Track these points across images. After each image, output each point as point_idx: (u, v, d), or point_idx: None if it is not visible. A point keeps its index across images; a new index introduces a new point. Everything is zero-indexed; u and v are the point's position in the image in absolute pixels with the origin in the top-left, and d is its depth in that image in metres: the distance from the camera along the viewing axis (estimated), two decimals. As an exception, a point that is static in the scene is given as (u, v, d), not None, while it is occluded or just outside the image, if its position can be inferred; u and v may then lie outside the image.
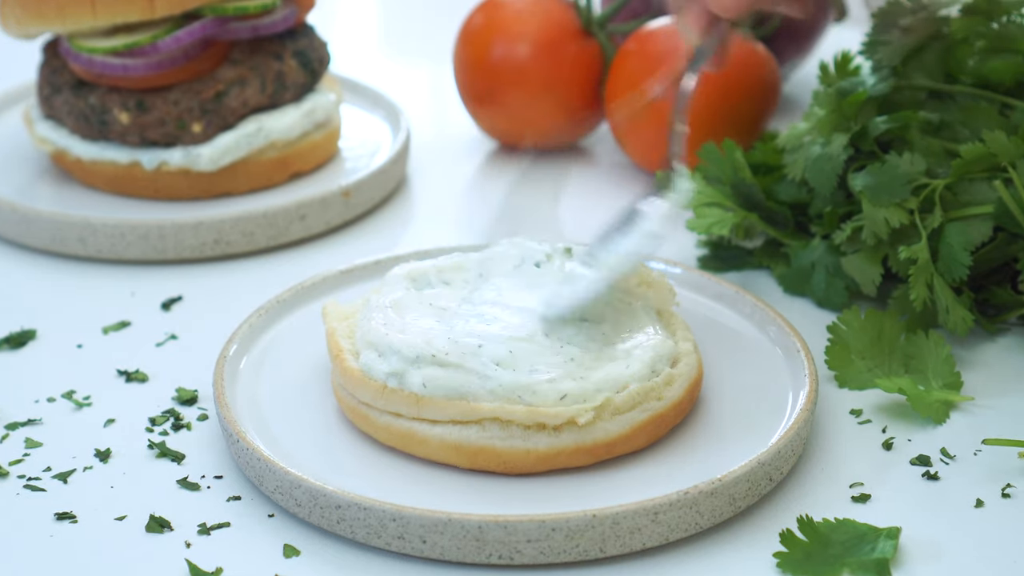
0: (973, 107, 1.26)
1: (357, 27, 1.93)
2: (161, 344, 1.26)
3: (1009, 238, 1.23)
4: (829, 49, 1.66)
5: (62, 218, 1.36)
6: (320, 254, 1.39)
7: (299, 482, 1.04)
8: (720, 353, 1.19)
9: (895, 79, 1.30)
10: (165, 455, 1.12)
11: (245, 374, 1.17)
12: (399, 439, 1.09)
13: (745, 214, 1.31)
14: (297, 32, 1.45)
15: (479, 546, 1.01)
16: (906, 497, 1.08)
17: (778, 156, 1.34)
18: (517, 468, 1.07)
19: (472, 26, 1.51)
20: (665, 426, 1.10)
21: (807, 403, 1.11)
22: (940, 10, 1.29)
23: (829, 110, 1.30)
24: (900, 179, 1.22)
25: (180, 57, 1.39)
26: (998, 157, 1.21)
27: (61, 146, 1.43)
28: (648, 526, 1.02)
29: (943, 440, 1.13)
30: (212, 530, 1.05)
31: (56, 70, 1.43)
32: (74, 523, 1.06)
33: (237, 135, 1.41)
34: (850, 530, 1.03)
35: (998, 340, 1.24)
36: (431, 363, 1.07)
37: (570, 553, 1.02)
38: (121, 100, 1.39)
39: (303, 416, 1.14)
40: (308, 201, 1.39)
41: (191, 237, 1.36)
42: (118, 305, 1.31)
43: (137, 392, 1.20)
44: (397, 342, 1.09)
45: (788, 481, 1.09)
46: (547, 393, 1.06)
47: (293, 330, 1.22)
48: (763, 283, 1.32)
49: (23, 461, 1.12)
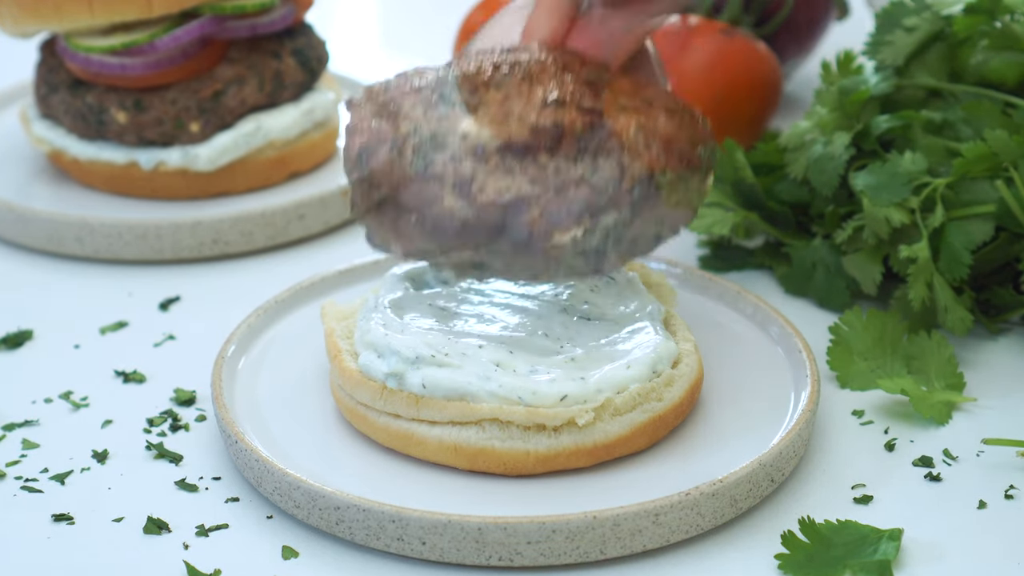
0: (976, 106, 1.26)
1: (356, 25, 1.92)
2: (159, 344, 1.25)
3: (1011, 238, 1.22)
4: (831, 48, 1.66)
5: (59, 218, 1.36)
6: (319, 254, 1.38)
7: (298, 483, 1.04)
8: (721, 354, 1.19)
9: (897, 78, 1.30)
10: (163, 456, 1.12)
11: (243, 375, 1.16)
12: (398, 440, 1.08)
13: (746, 214, 1.30)
14: (295, 31, 1.45)
15: (479, 547, 1.01)
16: (908, 498, 1.07)
17: (779, 155, 1.34)
18: (516, 469, 1.06)
19: (472, 24, 1.51)
20: (666, 427, 1.09)
21: (809, 404, 1.10)
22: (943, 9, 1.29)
23: (831, 109, 1.29)
24: (901, 178, 1.21)
25: (178, 56, 1.38)
26: (1000, 156, 1.20)
27: (58, 146, 1.42)
28: (649, 527, 1.02)
29: (945, 441, 1.13)
30: (210, 531, 1.05)
31: (53, 69, 1.42)
32: (71, 524, 1.06)
33: (235, 134, 1.40)
34: (852, 531, 1.03)
35: (1000, 340, 1.24)
36: (430, 364, 1.07)
37: (570, 555, 1.01)
38: (118, 99, 1.38)
39: (302, 417, 1.13)
40: (307, 201, 1.39)
41: (189, 237, 1.36)
42: (116, 305, 1.31)
43: (135, 393, 1.19)
44: (396, 343, 1.08)
45: (790, 482, 1.09)
46: (547, 394, 1.06)
47: (292, 330, 1.22)
48: (764, 283, 1.32)
49: (20, 462, 1.12)
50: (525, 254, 1.02)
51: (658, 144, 1.05)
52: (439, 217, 1.02)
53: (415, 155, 1.04)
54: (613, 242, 1.03)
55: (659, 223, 1.05)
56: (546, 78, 1.07)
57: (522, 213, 1.02)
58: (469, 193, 1.02)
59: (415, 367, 1.07)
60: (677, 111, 1.08)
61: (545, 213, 1.02)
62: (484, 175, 1.03)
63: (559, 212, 1.02)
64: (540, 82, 1.07)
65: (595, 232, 1.03)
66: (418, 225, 1.03)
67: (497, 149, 1.03)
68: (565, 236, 1.02)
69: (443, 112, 1.06)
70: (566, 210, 1.02)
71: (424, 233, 1.03)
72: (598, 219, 1.02)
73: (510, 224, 1.02)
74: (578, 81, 1.07)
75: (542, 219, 1.02)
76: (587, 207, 1.02)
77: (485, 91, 1.06)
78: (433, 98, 1.07)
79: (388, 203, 1.04)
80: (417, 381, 1.07)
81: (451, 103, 1.06)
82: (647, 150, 1.05)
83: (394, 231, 1.05)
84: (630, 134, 1.05)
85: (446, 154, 1.04)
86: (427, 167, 1.04)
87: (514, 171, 1.03)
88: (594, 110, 1.05)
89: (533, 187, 1.02)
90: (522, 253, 1.02)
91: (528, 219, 1.02)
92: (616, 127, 1.05)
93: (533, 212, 1.02)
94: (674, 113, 1.08)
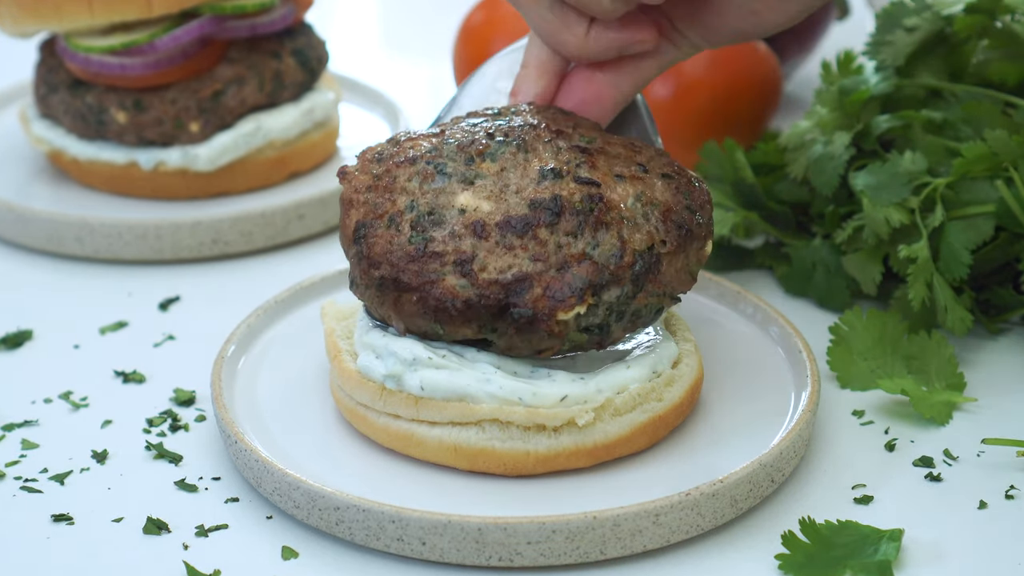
0: (976, 106, 1.26)
1: (356, 25, 1.92)
2: (159, 344, 1.25)
3: (1011, 238, 1.22)
4: (831, 48, 1.66)
5: (59, 218, 1.36)
6: (319, 254, 1.38)
7: (297, 483, 1.04)
8: (721, 354, 1.19)
9: (898, 78, 1.29)
10: (163, 456, 1.12)
11: (243, 375, 1.16)
12: (398, 440, 1.08)
13: (746, 214, 1.30)
14: (295, 31, 1.45)
15: (479, 548, 1.01)
16: (909, 499, 1.07)
17: (779, 155, 1.34)
18: (516, 470, 1.06)
19: (472, 24, 1.51)
20: (666, 427, 1.09)
21: (809, 404, 1.10)
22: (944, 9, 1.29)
23: (831, 109, 1.29)
24: (901, 178, 1.21)
25: (178, 56, 1.38)
26: (1000, 156, 1.20)
27: (58, 146, 1.42)
28: (649, 528, 1.01)
29: (946, 441, 1.12)
30: (210, 532, 1.05)
31: (53, 69, 1.42)
32: (71, 525, 1.06)
33: (235, 134, 1.40)
34: (852, 532, 1.03)
35: (1000, 340, 1.24)
36: (428, 366, 1.06)
37: (570, 555, 1.01)
38: (118, 99, 1.38)
39: (302, 417, 1.13)
40: (306, 201, 1.39)
41: (189, 237, 1.36)
42: (115, 305, 1.30)
43: (134, 393, 1.19)
44: (394, 344, 1.08)
45: (790, 482, 1.09)
46: (547, 394, 1.05)
47: (292, 330, 1.22)
48: (764, 283, 1.31)
49: (19, 462, 1.12)
50: (528, 332, 1.03)
51: (657, 214, 1.06)
52: (441, 297, 1.03)
53: (413, 231, 1.05)
54: (616, 316, 1.04)
55: (660, 294, 1.06)
56: (540, 147, 1.08)
57: (525, 291, 1.02)
58: (470, 272, 1.03)
59: (413, 368, 1.07)
60: (673, 176, 1.09)
61: (548, 291, 1.02)
62: (485, 253, 1.03)
63: (562, 290, 1.02)
64: (535, 152, 1.08)
65: (598, 308, 1.03)
66: (420, 304, 1.04)
67: (497, 225, 1.04)
68: (569, 313, 1.03)
69: (439, 185, 1.07)
70: (568, 287, 1.02)
71: (426, 312, 1.04)
72: (600, 295, 1.03)
73: (513, 302, 1.02)
74: (572, 148, 1.08)
75: (545, 297, 1.02)
76: (589, 283, 1.03)
77: (480, 162, 1.07)
78: (428, 170, 1.07)
79: (388, 282, 1.05)
80: (415, 383, 1.06)
81: (447, 175, 1.07)
82: (646, 221, 1.05)
83: (395, 309, 1.05)
84: (628, 205, 1.05)
85: (445, 230, 1.04)
86: (426, 244, 1.04)
87: (515, 248, 1.03)
88: (591, 181, 1.06)
89: (535, 264, 1.03)
90: (525, 331, 1.03)
91: (531, 297, 1.02)
92: (614, 198, 1.05)
93: (536, 290, 1.02)
94: (670, 179, 1.09)
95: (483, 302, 1.03)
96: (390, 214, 1.06)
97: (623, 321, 1.05)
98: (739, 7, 1.10)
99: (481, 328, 1.04)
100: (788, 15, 1.10)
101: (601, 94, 1.13)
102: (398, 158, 1.09)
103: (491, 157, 1.08)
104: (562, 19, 1.10)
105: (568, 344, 1.04)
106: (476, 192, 1.06)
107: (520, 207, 1.05)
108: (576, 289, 1.02)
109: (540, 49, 1.13)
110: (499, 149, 1.08)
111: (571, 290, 1.02)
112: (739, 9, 1.10)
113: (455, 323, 1.03)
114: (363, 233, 1.06)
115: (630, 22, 1.11)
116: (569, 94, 1.14)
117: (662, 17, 1.13)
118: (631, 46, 1.11)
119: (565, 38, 1.10)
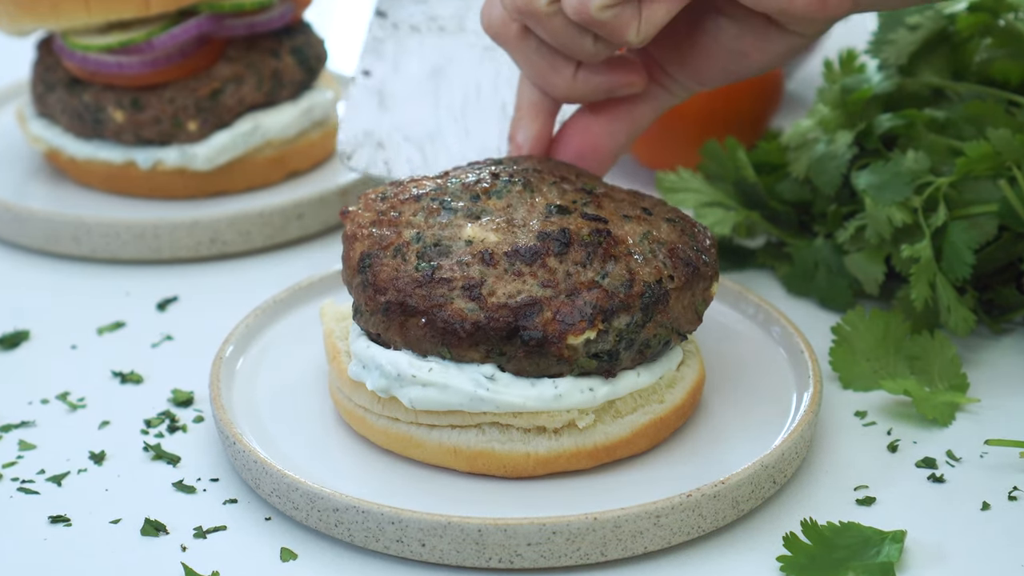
0: (979, 105, 1.25)
1: (355, 24, 1.92)
2: (156, 345, 1.25)
3: (1014, 237, 1.22)
4: (833, 46, 1.65)
5: (56, 217, 1.36)
6: (318, 254, 1.38)
7: (296, 485, 1.03)
8: (722, 354, 1.18)
9: (900, 77, 1.29)
10: (160, 457, 1.12)
11: (242, 375, 1.16)
12: (397, 443, 1.07)
13: (748, 213, 1.30)
14: (294, 29, 1.44)
15: (479, 550, 1.00)
16: (911, 500, 1.07)
17: (781, 155, 1.33)
18: (517, 472, 1.06)
19: (471, 23, 1.50)
20: (667, 429, 1.09)
21: (811, 405, 1.10)
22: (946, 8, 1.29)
23: (833, 108, 1.29)
24: (903, 177, 1.21)
25: (175, 54, 1.38)
26: (1003, 156, 1.20)
27: (55, 145, 1.42)
28: (650, 529, 1.01)
29: (949, 442, 1.12)
30: (208, 533, 1.05)
31: (50, 68, 1.42)
32: (68, 526, 1.05)
33: (233, 133, 1.40)
34: (855, 533, 1.02)
35: (1003, 340, 1.23)
36: (413, 383, 1.05)
37: (571, 557, 1.01)
38: (116, 98, 1.38)
39: (300, 418, 1.13)
40: (305, 200, 1.39)
41: (187, 236, 1.36)
42: (113, 305, 1.30)
43: (132, 393, 1.19)
44: (379, 356, 1.07)
45: (792, 484, 1.09)
46: (547, 396, 1.05)
47: (290, 331, 1.21)
48: (766, 283, 1.31)
49: (16, 463, 1.11)
50: (538, 355, 1.03)
51: (664, 251, 1.06)
52: (449, 319, 1.02)
53: (420, 260, 1.04)
54: (625, 344, 1.04)
55: (668, 328, 1.06)
56: (546, 188, 1.09)
57: (535, 315, 1.02)
58: (479, 296, 1.02)
59: (399, 384, 1.06)
60: (677, 220, 1.10)
61: (559, 315, 1.02)
62: (494, 279, 1.03)
63: (572, 313, 1.02)
64: (540, 192, 1.08)
65: (608, 334, 1.03)
66: (427, 327, 1.03)
67: (505, 254, 1.04)
68: (579, 338, 1.02)
69: (445, 219, 1.06)
70: (579, 311, 1.02)
71: (434, 335, 1.03)
72: (611, 321, 1.03)
73: (523, 325, 1.02)
74: (578, 191, 1.09)
75: (556, 321, 1.02)
76: (600, 309, 1.02)
77: (486, 199, 1.07)
78: (433, 206, 1.07)
79: (395, 306, 1.04)
80: (406, 399, 1.06)
81: (453, 210, 1.07)
82: (654, 257, 1.05)
83: (401, 334, 1.05)
84: (636, 240, 1.06)
85: (452, 259, 1.04)
86: (433, 272, 1.04)
87: (524, 275, 1.03)
88: (599, 218, 1.06)
89: (544, 290, 1.03)
90: (535, 354, 1.03)
91: (541, 321, 1.02)
92: (621, 234, 1.06)
93: (546, 314, 1.02)
94: (675, 223, 1.09)
95: (492, 324, 1.02)
96: (396, 245, 1.06)
97: (632, 350, 1.05)
98: (727, 50, 1.11)
99: (489, 352, 1.03)
100: (775, 56, 1.11)
101: (598, 145, 1.15)
102: (402, 195, 1.09)
103: (497, 195, 1.08)
104: (549, 62, 1.11)
105: (577, 370, 1.04)
106: (483, 225, 1.06)
107: (528, 238, 1.05)
108: (586, 314, 1.02)
109: (531, 91, 1.15)
110: (505, 187, 1.09)
111: (581, 314, 1.02)
112: (727, 52, 1.11)
113: (463, 346, 1.03)
114: (368, 263, 1.06)
115: (617, 65, 1.12)
116: (566, 146, 1.16)
117: (651, 61, 1.14)
118: (619, 88, 1.13)
119: (553, 80, 1.12)
